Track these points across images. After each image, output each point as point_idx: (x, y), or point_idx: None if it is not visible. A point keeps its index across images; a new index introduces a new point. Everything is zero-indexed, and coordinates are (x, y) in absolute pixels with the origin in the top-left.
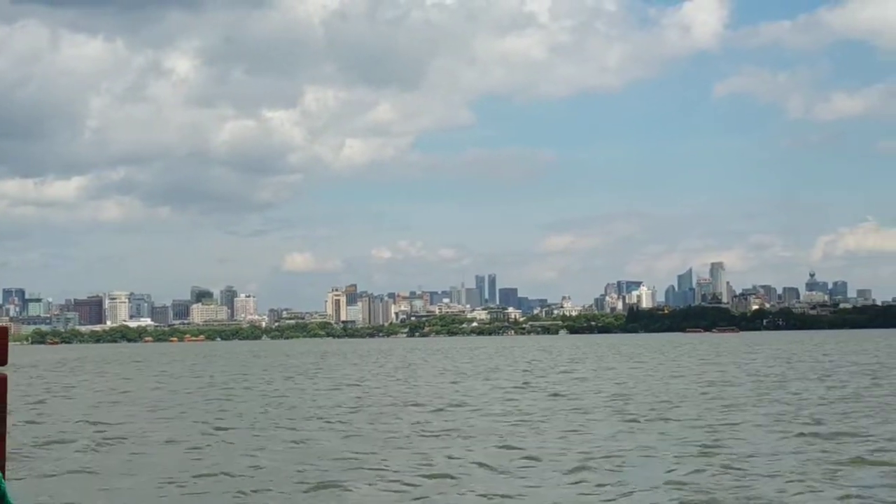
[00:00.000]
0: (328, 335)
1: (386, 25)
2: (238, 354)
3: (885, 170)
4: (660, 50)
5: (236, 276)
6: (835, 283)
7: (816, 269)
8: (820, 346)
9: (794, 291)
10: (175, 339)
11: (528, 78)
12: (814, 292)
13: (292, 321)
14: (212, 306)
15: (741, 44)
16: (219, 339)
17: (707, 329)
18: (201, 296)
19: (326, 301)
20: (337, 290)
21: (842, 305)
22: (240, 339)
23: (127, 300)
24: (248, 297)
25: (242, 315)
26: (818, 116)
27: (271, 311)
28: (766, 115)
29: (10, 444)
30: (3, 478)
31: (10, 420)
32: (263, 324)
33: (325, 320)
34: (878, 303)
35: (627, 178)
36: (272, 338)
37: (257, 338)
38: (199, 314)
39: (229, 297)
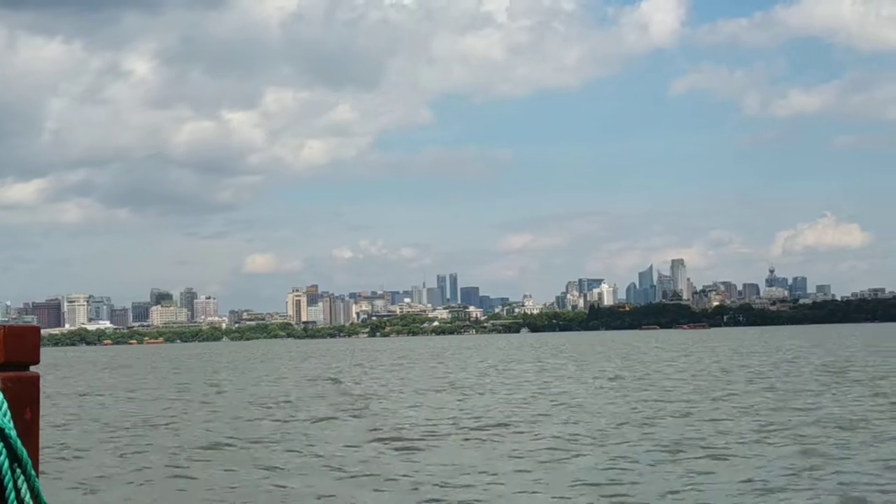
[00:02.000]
0: (289, 336)
1: (343, 26)
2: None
3: (842, 165)
4: (618, 48)
5: (197, 278)
6: (794, 279)
7: (776, 264)
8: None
9: (754, 287)
10: (134, 341)
11: (487, 77)
12: (773, 288)
13: (253, 322)
14: (171, 308)
15: (699, 41)
16: (179, 341)
17: (665, 326)
18: (161, 298)
19: (287, 302)
20: (297, 290)
21: (801, 301)
22: (200, 341)
23: (86, 303)
24: (209, 298)
25: (202, 317)
26: (775, 113)
27: (232, 312)
28: (723, 111)
29: None
30: (38, 477)
31: None
32: (224, 325)
33: (285, 321)
34: (838, 298)
35: (587, 177)
36: (232, 339)
37: (217, 339)
38: (158, 316)
39: (189, 298)
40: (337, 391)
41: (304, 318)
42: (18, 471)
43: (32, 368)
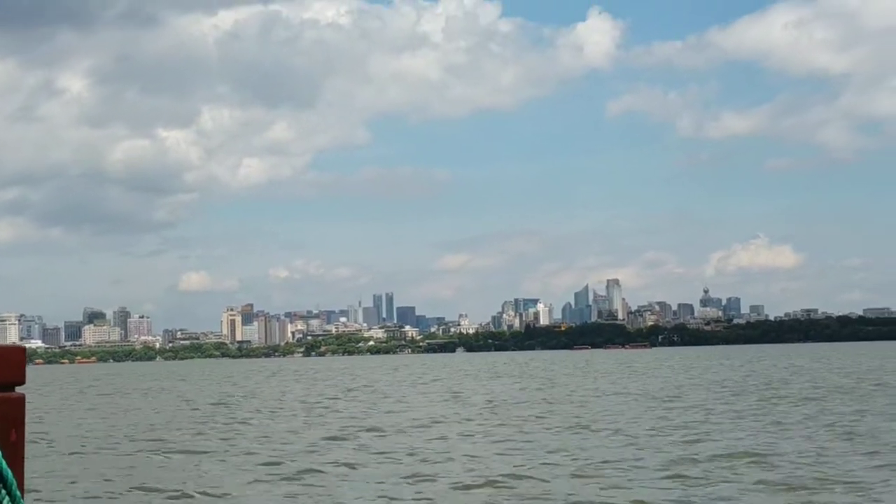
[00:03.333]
0: (223, 356)
1: (279, 45)
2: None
3: (775, 187)
4: (554, 69)
5: (131, 297)
6: (728, 299)
7: (710, 285)
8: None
9: (688, 307)
10: (66, 360)
11: (424, 97)
12: (708, 308)
13: (187, 342)
14: (104, 327)
15: (634, 63)
16: (111, 360)
17: (599, 346)
18: (94, 317)
19: (222, 321)
20: (232, 309)
21: (735, 321)
22: (133, 361)
23: (17, 322)
24: (142, 317)
25: (136, 336)
26: (709, 135)
27: (166, 331)
28: (658, 133)
29: None
30: (22, 498)
31: None
32: (157, 345)
33: (220, 340)
34: (771, 318)
35: (523, 197)
36: (166, 359)
37: (151, 359)
38: (91, 335)
39: (123, 317)
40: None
41: (238, 338)
42: (3, 492)
43: (18, 389)
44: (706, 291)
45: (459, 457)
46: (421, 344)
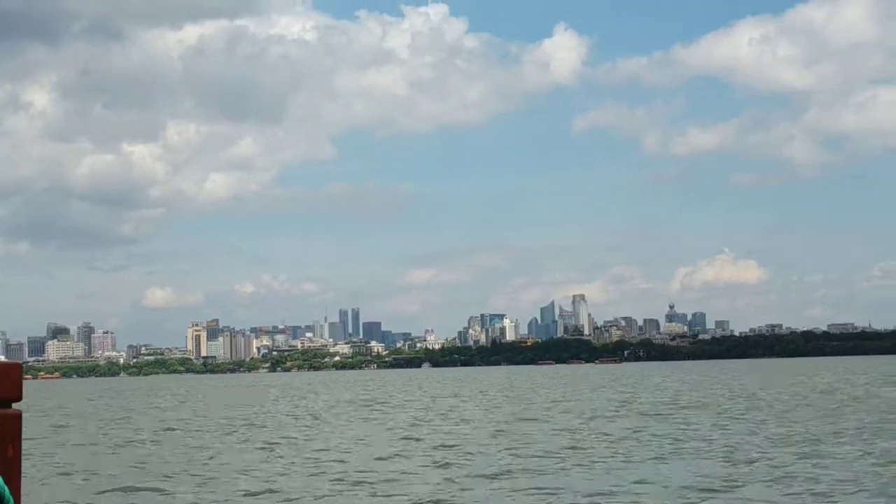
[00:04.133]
0: (188, 371)
1: (245, 60)
2: None
3: (740, 203)
4: (520, 85)
5: (96, 312)
6: (694, 315)
7: (676, 300)
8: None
9: (654, 323)
10: (30, 376)
11: (390, 113)
12: (673, 323)
13: (151, 357)
14: (68, 343)
15: (600, 80)
16: (75, 376)
17: (562, 361)
18: (57, 332)
19: (187, 336)
20: (197, 324)
21: (700, 336)
22: (96, 377)
23: None
24: (107, 333)
25: (100, 352)
26: (675, 150)
27: (130, 347)
28: (625, 148)
29: None
30: None
31: None
32: (121, 360)
33: (185, 356)
34: (736, 333)
35: (490, 212)
36: (130, 374)
37: (115, 374)
38: (54, 351)
39: (87, 333)
40: None
41: (203, 353)
42: None
43: (15, 405)
44: (672, 307)
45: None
46: (387, 359)
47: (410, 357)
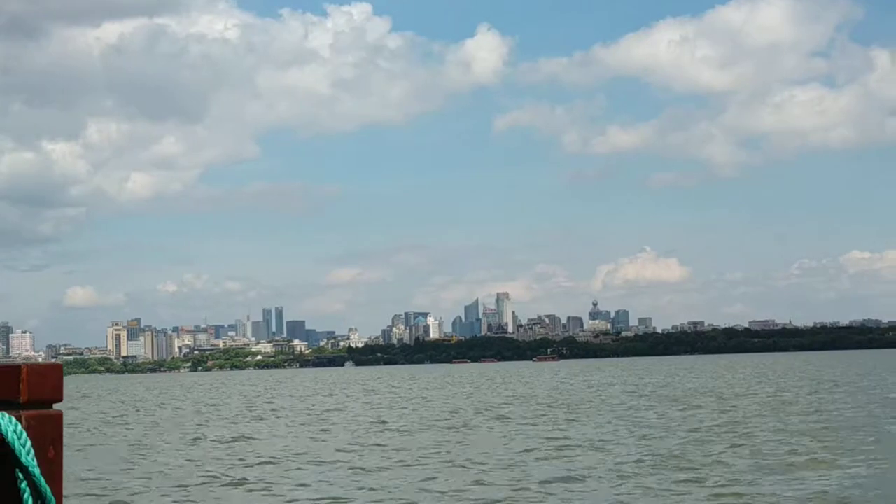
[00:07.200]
0: (108, 371)
1: (165, 59)
2: None
3: (660, 201)
4: (442, 85)
5: (14, 313)
6: (617, 312)
7: (598, 298)
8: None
9: (578, 321)
10: None
11: (313, 112)
12: (597, 321)
13: (71, 357)
14: None
15: (520, 79)
16: None
17: (475, 359)
18: None
19: (107, 336)
20: (117, 324)
21: (623, 334)
22: None
23: None
24: (25, 332)
25: (18, 352)
26: (595, 150)
27: (49, 347)
28: (546, 147)
29: None
30: None
31: None
32: (40, 360)
33: (104, 356)
34: (659, 330)
35: (413, 211)
36: None
37: None
38: None
39: (4, 333)
40: None
41: (124, 353)
42: None
43: (56, 406)
44: (595, 304)
45: None
46: (309, 358)
47: (333, 356)
